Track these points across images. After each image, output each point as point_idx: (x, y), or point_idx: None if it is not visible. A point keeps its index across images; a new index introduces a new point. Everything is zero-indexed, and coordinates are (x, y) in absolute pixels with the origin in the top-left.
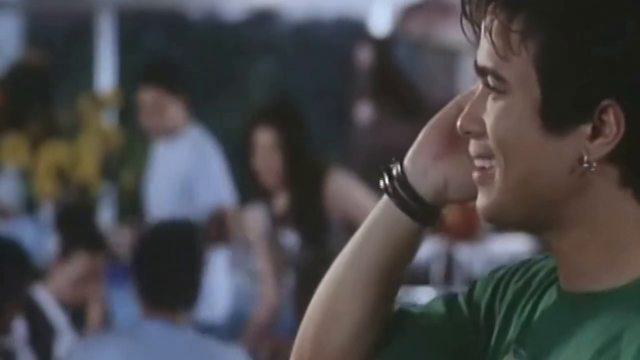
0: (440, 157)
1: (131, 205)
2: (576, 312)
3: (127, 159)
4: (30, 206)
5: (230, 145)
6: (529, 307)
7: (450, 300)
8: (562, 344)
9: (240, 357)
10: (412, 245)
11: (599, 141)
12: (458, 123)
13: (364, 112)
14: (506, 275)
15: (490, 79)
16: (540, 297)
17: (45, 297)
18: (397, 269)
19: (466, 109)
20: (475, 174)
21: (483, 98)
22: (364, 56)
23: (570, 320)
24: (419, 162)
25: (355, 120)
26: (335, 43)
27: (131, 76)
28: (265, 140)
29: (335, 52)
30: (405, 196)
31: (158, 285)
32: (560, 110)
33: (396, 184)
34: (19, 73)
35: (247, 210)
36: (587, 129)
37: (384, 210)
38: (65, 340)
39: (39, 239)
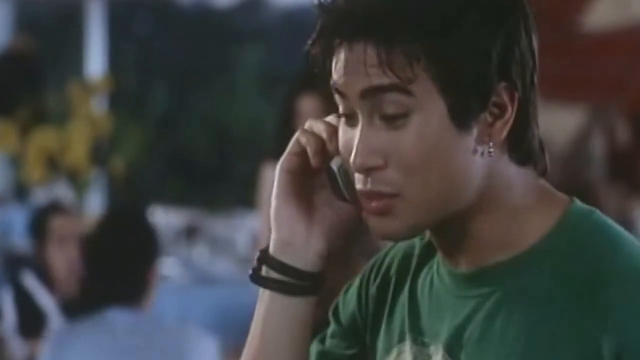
0: (310, 217)
1: (121, 191)
2: (480, 288)
3: (117, 144)
4: (20, 192)
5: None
6: (404, 296)
7: (321, 338)
8: (474, 322)
9: (204, 338)
10: (310, 313)
11: (497, 124)
12: (357, 161)
13: None
14: (363, 281)
15: (389, 105)
16: (413, 283)
17: (34, 282)
18: (304, 338)
19: (357, 145)
20: (373, 206)
21: (370, 129)
22: None
23: (474, 296)
24: (295, 238)
25: None
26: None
27: (120, 62)
28: (309, 107)
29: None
30: (292, 281)
31: (117, 272)
32: (466, 109)
33: (277, 275)
34: (8, 59)
35: (265, 167)
36: (486, 115)
37: (274, 301)
38: (54, 326)
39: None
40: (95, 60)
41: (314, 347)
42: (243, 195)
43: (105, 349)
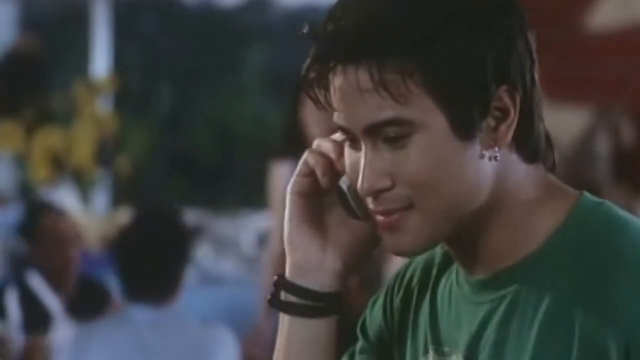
0: (324, 239)
1: (126, 191)
2: (494, 292)
3: (122, 144)
4: (25, 192)
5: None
6: (426, 306)
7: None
8: (490, 327)
9: (228, 338)
10: (332, 333)
11: (502, 128)
12: (364, 186)
13: None
14: (387, 294)
15: (391, 129)
16: (434, 293)
17: (39, 282)
18: (328, 357)
19: (362, 170)
20: (386, 221)
21: (375, 154)
22: None
23: (488, 301)
24: (311, 261)
25: None
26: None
27: (125, 62)
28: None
29: None
30: (310, 303)
31: (143, 270)
32: (467, 119)
33: (295, 298)
34: (13, 59)
35: (275, 166)
36: (489, 121)
37: (295, 325)
38: (59, 326)
39: None
40: (100, 60)
41: None
42: (248, 195)
43: (128, 347)
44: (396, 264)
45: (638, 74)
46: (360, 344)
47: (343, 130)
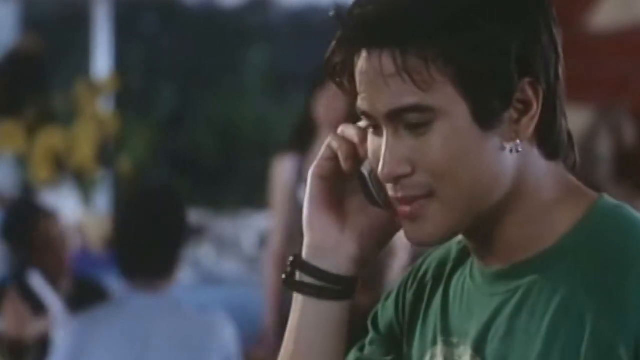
0: (342, 223)
1: (128, 191)
2: (507, 285)
3: (123, 144)
4: (26, 192)
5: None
6: (437, 299)
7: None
8: (500, 318)
9: (224, 325)
10: (345, 318)
11: (524, 120)
12: (385, 172)
13: None
14: (401, 288)
15: (413, 116)
16: (447, 286)
17: (40, 281)
18: (339, 343)
19: (383, 156)
20: (406, 210)
21: (396, 140)
22: None
23: (501, 293)
24: (328, 243)
25: None
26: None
27: (127, 62)
28: (329, 101)
29: (332, 39)
30: (325, 285)
31: (142, 254)
32: (489, 108)
33: (310, 279)
34: (15, 59)
35: (279, 161)
36: (512, 113)
37: (308, 306)
38: (61, 325)
39: None
40: (102, 60)
41: (352, 355)
42: (249, 195)
43: (126, 334)
44: (399, 265)
45: (639, 74)
46: (370, 335)
47: (366, 115)
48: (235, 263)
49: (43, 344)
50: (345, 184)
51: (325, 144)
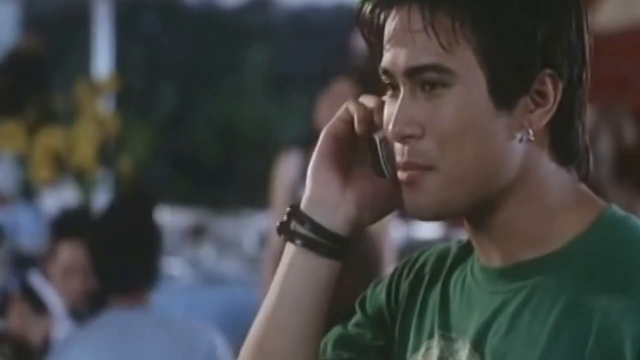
0: (345, 183)
1: (128, 191)
2: (511, 283)
3: (124, 144)
4: (27, 192)
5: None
6: (436, 294)
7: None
8: (501, 316)
9: (212, 334)
10: (332, 279)
11: (538, 111)
12: (395, 129)
13: None
14: (394, 277)
15: (431, 75)
16: (446, 282)
17: (41, 282)
18: (322, 303)
19: (396, 114)
20: (405, 176)
21: (411, 100)
22: (362, 43)
23: (504, 291)
24: (327, 198)
25: None
26: (333, 29)
27: (127, 62)
28: (342, 90)
29: (333, 39)
30: (317, 239)
31: (120, 268)
32: (506, 86)
33: (304, 230)
34: (16, 59)
35: (283, 157)
36: (528, 101)
37: (297, 256)
38: (62, 326)
39: (36, 224)
40: (103, 60)
41: (336, 330)
42: (250, 195)
43: (112, 350)
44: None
45: (639, 74)
46: (357, 318)
47: (386, 73)
48: (236, 263)
49: (46, 345)
50: (356, 152)
51: (343, 107)
